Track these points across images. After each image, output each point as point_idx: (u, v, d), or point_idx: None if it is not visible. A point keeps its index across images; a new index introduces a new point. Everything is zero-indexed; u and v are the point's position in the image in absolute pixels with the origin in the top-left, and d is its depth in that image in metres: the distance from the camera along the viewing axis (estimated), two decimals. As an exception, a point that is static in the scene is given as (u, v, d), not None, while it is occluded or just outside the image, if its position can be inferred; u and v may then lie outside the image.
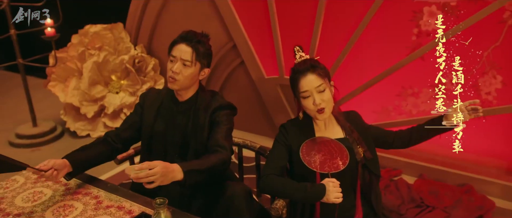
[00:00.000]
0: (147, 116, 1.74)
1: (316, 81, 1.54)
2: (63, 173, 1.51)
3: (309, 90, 1.54)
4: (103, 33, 3.65)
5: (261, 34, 3.06)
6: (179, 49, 1.61)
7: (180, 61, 1.61)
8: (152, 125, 1.73)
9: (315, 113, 1.57)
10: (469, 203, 2.45)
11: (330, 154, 1.59)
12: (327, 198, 1.46)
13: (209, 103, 1.70)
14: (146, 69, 3.72)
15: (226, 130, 1.66)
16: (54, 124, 3.65)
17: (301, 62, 1.61)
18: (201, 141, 1.68)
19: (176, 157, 1.73)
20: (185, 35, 1.63)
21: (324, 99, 1.55)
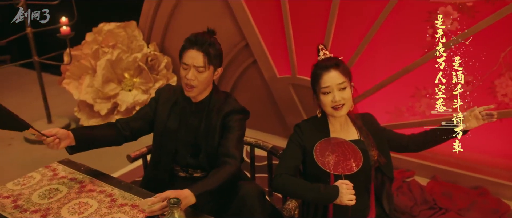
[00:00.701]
0: (161, 111, 1.75)
1: (338, 79, 1.55)
2: (65, 143, 1.53)
3: (331, 87, 1.55)
4: (117, 31, 3.68)
5: (274, 33, 3.05)
6: (190, 56, 1.60)
7: (193, 68, 1.60)
8: (165, 122, 1.74)
9: (331, 109, 1.57)
10: (483, 206, 2.42)
11: (343, 155, 1.58)
12: (340, 200, 1.46)
13: (222, 106, 1.69)
14: (158, 67, 3.74)
15: (237, 137, 1.66)
16: (68, 121, 3.70)
17: (325, 59, 1.62)
18: (212, 144, 1.69)
19: (188, 156, 1.74)
20: (194, 39, 1.60)
21: (344, 97, 1.56)
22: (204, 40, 1.60)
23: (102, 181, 1.70)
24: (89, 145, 1.67)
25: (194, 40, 1.60)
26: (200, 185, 1.47)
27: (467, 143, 2.58)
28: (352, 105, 1.64)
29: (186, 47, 1.61)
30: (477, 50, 2.34)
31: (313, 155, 1.56)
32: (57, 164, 1.84)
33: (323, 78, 1.56)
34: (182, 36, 1.73)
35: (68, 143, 1.55)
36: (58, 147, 1.51)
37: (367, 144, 1.63)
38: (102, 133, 1.71)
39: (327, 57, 1.64)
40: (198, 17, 3.43)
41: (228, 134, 1.66)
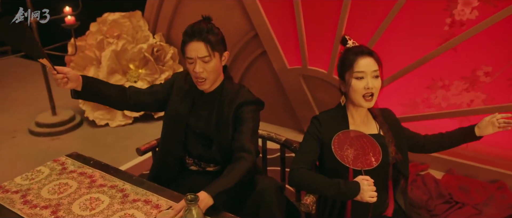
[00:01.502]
0: (174, 96, 1.69)
1: (373, 65, 1.49)
2: (71, 85, 1.48)
3: (365, 72, 1.48)
4: (122, 21, 3.60)
5: (284, 23, 2.97)
6: (192, 48, 1.53)
7: (199, 60, 1.54)
8: (177, 108, 1.68)
9: (361, 97, 1.51)
10: (501, 201, 2.36)
11: (362, 149, 1.52)
12: (361, 197, 1.42)
13: (234, 97, 1.63)
14: (164, 58, 3.67)
15: (251, 129, 1.59)
16: (73, 113, 3.64)
17: (358, 46, 1.56)
18: (226, 136, 1.63)
19: (200, 147, 1.68)
20: (191, 31, 1.53)
21: (376, 86, 1.50)
22: (201, 29, 1.52)
23: (113, 175, 1.64)
24: (93, 96, 1.61)
25: (191, 32, 1.53)
26: (216, 185, 1.41)
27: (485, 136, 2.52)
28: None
29: (186, 41, 1.54)
30: (498, 40, 2.27)
31: (332, 148, 1.49)
32: (66, 157, 1.78)
33: (358, 63, 1.49)
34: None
35: (74, 86, 1.50)
36: (65, 86, 1.46)
37: (387, 140, 1.57)
38: (109, 91, 1.64)
39: (359, 45, 1.58)
40: (205, 6, 3.34)
41: (242, 127, 1.60)
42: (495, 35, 2.26)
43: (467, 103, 2.47)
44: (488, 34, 2.26)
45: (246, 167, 1.50)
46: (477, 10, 2.25)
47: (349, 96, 1.55)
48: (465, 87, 2.44)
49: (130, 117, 3.60)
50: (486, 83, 2.37)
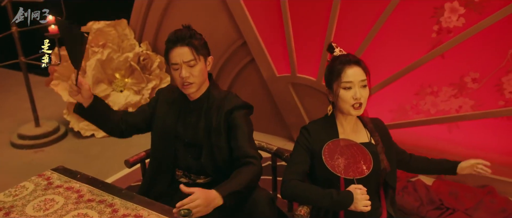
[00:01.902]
0: (160, 109, 1.69)
1: (361, 75, 1.48)
2: (81, 98, 1.55)
3: (353, 82, 1.47)
4: (107, 30, 3.55)
5: (272, 31, 2.96)
6: (177, 54, 1.53)
7: (184, 65, 1.53)
8: (163, 119, 1.67)
9: (350, 107, 1.50)
10: (491, 205, 2.38)
11: (353, 157, 1.52)
12: (355, 206, 1.40)
13: (222, 103, 1.61)
14: (151, 67, 3.62)
15: (248, 134, 1.58)
16: (57, 124, 3.55)
17: (345, 54, 1.55)
18: (217, 144, 1.60)
19: (189, 158, 1.65)
20: (174, 38, 1.54)
21: (363, 95, 1.49)
22: (184, 34, 1.54)
23: (101, 189, 1.58)
24: (95, 117, 1.67)
25: (175, 38, 1.54)
26: (227, 186, 1.39)
27: (473, 141, 2.55)
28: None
29: (170, 47, 1.55)
30: (484, 47, 2.31)
31: (322, 158, 1.48)
32: (51, 172, 1.72)
33: (345, 73, 1.48)
34: None
35: (82, 100, 1.57)
36: (75, 95, 1.54)
37: (379, 147, 1.57)
38: (111, 117, 1.69)
39: (346, 53, 1.57)
40: (192, 14, 3.32)
41: (238, 134, 1.57)
42: (481, 42, 2.29)
43: (455, 109, 2.49)
44: (474, 41, 2.29)
45: (255, 170, 1.49)
46: (464, 18, 2.28)
47: (338, 106, 1.54)
48: (453, 94, 2.46)
49: (117, 127, 3.52)
50: (474, 89, 2.39)
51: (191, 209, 1.22)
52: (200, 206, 1.26)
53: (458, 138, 2.55)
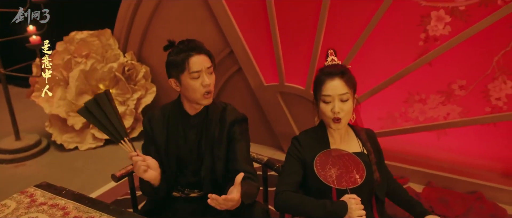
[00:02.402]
0: (159, 140, 1.61)
1: (341, 89, 1.46)
2: (151, 175, 1.45)
3: (332, 96, 1.46)
4: (90, 40, 3.47)
5: (260, 39, 2.94)
6: (198, 61, 1.48)
7: (205, 72, 1.49)
8: (164, 148, 1.60)
9: (330, 121, 1.49)
10: (480, 211, 2.39)
11: (345, 167, 1.50)
12: (350, 216, 1.38)
13: (222, 116, 1.59)
14: (136, 77, 3.55)
15: (247, 149, 1.59)
16: (39, 137, 3.44)
17: (331, 65, 1.52)
18: (218, 156, 1.58)
19: (190, 175, 1.61)
20: (192, 46, 1.49)
21: (344, 109, 1.47)
22: (196, 43, 1.51)
23: (88, 206, 1.52)
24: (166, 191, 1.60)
25: (193, 46, 1.49)
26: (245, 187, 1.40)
27: (462, 148, 2.58)
28: (353, 117, 1.57)
29: (190, 55, 1.47)
30: (470, 54, 2.34)
31: (314, 169, 1.46)
32: (34, 188, 1.64)
33: (325, 86, 1.47)
34: (161, 44, 1.60)
35: (153, 177, 1.47)
36: (144, 173, 1.42)
37: (371, 157, 1.56)
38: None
39: (334, 63, 1.55)
40: (177, 24, 3.28)
41: (237, 147, 1.56)
42: (467, 50, 2.32)
43: (443, 116, 2.51)
44: (461, 48, 2.32)
45: (256, 185, 1.50)
46: (450, 26, 2.31)
47: (321, 119, 1.55)
48: (441, 101, 2.48)
49: (101, 139, 3.44)
50: (461, 96, 2.42)
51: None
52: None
53: (447, 144, 2.57)
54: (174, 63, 1.50)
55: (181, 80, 1.51)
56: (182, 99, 1.60)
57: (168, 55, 1.54)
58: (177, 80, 1.52)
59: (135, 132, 3.51)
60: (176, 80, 1.52)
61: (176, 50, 1.50)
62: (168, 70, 1.54)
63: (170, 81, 1.55)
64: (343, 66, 1.53)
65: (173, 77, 1.53)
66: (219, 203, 1.25)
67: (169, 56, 1.53)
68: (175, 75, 1.51)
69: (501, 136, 2.42)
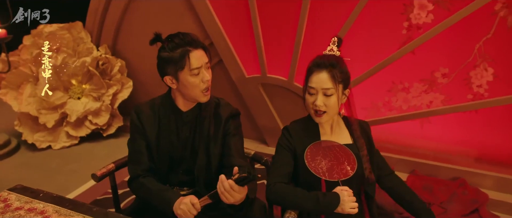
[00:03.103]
0: (150, 136, 1.52)
1: (326, 83, 1.42)
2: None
3: (316, 89, 1.43)
4: (60, 34, 3.30)
5: (240, 30, 2.87)
6: (197, 57, 1.40)
7: (204, 67, 1.43)
8: (156, 145, 1.52)
9: (312, 112, 1.48)
10: (463, 197, 2.43)
11: (336, 159, 1.48)
12: (342, 208, 1.36)
13: (216, 112, 1.53)
14: (111, 71, 3.41)
15: (241, 145, 1.54)
16: (8, 137, 3.25)
17: (324, 56, 1.48)
18: (214, 153, 1.52)
19: (181, 173, 1.53)
20: (189, 40, 1.41)
21: (327, 104, 1.44)
22: (193, 37, 1.43)
23: (69, 208, 1.42)
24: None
25: (188, 40, 1.40)
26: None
27: (445, 135, 2.60)
28: (342, 113, 1.56)
29: (188, 51, 1.39)
30: (453, 42, 2.35)
31: (305, 161, 1.44)
32: (8, 192, 1.52)
33: (312, 77, 1.45)
34: (137, 36, 1.51)
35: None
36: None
37: (362, 154, 1.52)
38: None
39: (328, 54, 1.51)
40: (153, 16, 3.16)
41: (232, 142, 1.51)
42: (450, 38, 2.33)
43: (426, 104, 2.52)
44: (444, 36, 2.33)
45: (255, 180, 1.42)
46: (433, 14, 2.31)
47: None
48: (424, 89, 2.50)
49: (76, 137, 3.29)
50: (444, 84, 2.44)
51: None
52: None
53: (430, 132, 2.59)
54: (171, 59, 1.40)
55: (179, 78, 1.42)
56: (174, 95, 1.52)
57: (161, 51, 1.43)
58: (174, 78, 1.43)
59: (112, 129, 3.37)
60: (172, 77, 1.43)
61: (172, 45, 1.40)
62: (163, 67, 1.43)
63: (165, 79, 1.46)
64: (336, 58, 1.49)
65: (169, 75, 1.43)
66: (228, 193, 1.21)
67: (163, 52, 1.42)
68: (172, 72, 1.42)
69: (482, 123, 2.45)
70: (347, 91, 1.53)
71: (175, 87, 1.46)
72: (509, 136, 2.42)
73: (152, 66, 2.51)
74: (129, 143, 1.56)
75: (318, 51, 2.68)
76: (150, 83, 3.41)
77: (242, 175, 1.18)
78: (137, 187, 1.49)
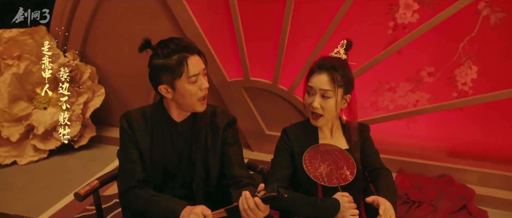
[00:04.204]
0: (142, 146, 1.41)
1: (325, 84, 1.40)
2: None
3: (314, 89, 1.42)
4: (22, 39, 3.04)
5: (221, 32, 2.76)
6: (195, 63, 1.33)
7: (202, 74, 1.36)
8: (149, 156, 1.41)
9: (310, 114, 1.46)
10: (451, 194, 2.47)
11: (335, 163, 1.45)
12: (343, 215, 1.34)
13: (213, 121, 1.45)
14: (80, 79, 3.18)
15: (241, 154, 1.49)
16: (-35, 154, 2.95)
17: (327, 58, 1.46)
18: (213, 166, 1.44)
19: (177, 187, 1.43)
20: (184, 45, 1.33)
21: (324, 107, 1.42)
22: (188, 42, 1.35)
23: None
24: None
25: (184, 45, 1.32)
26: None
27: (431, 134, 2.63)
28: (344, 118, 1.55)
29: (185, 57, 1.32)
30: (438, 41, 2.38)
31: (303, 166, 1.41)
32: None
33: (312, 77, 1.43)
34: (108, 40, 1.41)
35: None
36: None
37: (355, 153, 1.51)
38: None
39: (333, 56, 1.49)
40: (126, 18, 2.97)
41: (231, 151, 1.46)
42: (435, 37, 2.35)
43: (413, 103, 2.54)
44: (429, 35, 2.34)
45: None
46: (418, 13, 2.32)
47: None
48: (410, 88, 2.51)
49: (45, 150, 3.04)
50: (430, 83, 2.46)
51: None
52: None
53: (417, 131, 2.61)
54: (166, 67, 1.31)
55: (175, 86, 1.33)
56: (167, 105, 1.42)
57: (154, 58, 1.33)
58: (170, 87, 1.33)
59: (84, 140, 3.15)
60: (168, 86, 1.33)
61: (167, 51, 1.31)
62: (157, 75, 1.33)
63: (160, 89, 1.36)
64: (340, 61, 1.46)
65: (164, 84, 1.33)
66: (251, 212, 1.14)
67: (156, 60, 1.32)
68: (167, 81, 1.32)
69: (467, 120, 2.50)
70: (348, 97, 1.51)
71: (170, 96, 1.36)
72: (492, 132, 2.48)
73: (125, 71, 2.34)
74: (120, 153, 1.44)
75: (303, 52, 2.64)
76: (124, 90, 3.23)
77: (272, 194, 1.10)
78: (132, 199, 1.36)
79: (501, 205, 2.40)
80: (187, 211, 1.24)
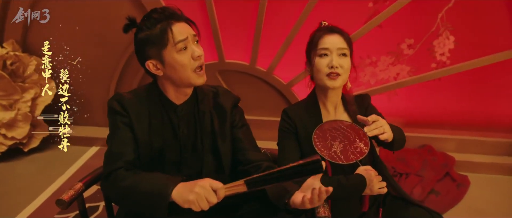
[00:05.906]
0: (139, 131, 1.21)
1: (340, 43, 1.35)
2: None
3: (330, 49, 1.34)
4: None
5: (193, 14, 2.53)
6: (181, 28, 1.18)
7: (192, 41, 1.20)
8: (149, 143, 1.22)
9: (324, 77, 1.34)
10: (434, 163, 2.53)
11: (346, 138, 1.37)
12: (371, 189, 1.30)
13: (217, 102, 1.30)
14: (24, 72, 2.76)
15: (251, 135, 1.36)
16: None
17: (329, 25, 1.42)
18: (225, 153, 1.28)
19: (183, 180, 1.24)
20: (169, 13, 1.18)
21: (342, 65, 1.34)
22: (174, 9, 1.21)
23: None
24: None
25: (169, 13, 1.18)
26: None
27: (412, 106, 2.67)
28: (349, 86, 1.46)
29: (170, 24, 1.17)
30: (417, 13, 2.39)
31: (315, 149, 1.31)
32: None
33: (323, 39, 1.36)
34: (56, 27, 1.21)
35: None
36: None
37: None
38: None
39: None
40: (79, 0, 2.62)
41: (242, 134, 1.32)
42: (415, 8, 2.36)
43: (393, 77, 2.55)
44: (408, 7, 2.35)
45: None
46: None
47: (315, 78, 1.40)
48: (391, 62, 2.51)
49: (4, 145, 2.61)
50: (410, 55, 2.48)
51: None
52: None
53: (397, 105, 2.63)
54: (150, 38, 1.15)
55: (164, 59, 1.16)
56: (162, 85, 1.24)
57: (138, 33, 1.18)
58: (159, 60, 1.17)
59: (35, 141, 2.75)
60: (156, 61, 1.17)
61: (150, 22, 1.17)
62: (143, 50, 1.18)
63: (148, 65, 1.19)
64: None
65: (151, 58, 1.17)
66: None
67: (140, 33, 1.18)
68: (154, 54, 1.16)
69: (445, 90, 2.56)
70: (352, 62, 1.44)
71: (161, 73, 1.19)
72: (466, 100, 2.58)
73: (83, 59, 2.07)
74: (110, 137, 1.22)
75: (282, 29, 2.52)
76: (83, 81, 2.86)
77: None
78: (114, 182, 1.12)
79: (479, 169, 2.51)
80: (190, 184, 1.02)
